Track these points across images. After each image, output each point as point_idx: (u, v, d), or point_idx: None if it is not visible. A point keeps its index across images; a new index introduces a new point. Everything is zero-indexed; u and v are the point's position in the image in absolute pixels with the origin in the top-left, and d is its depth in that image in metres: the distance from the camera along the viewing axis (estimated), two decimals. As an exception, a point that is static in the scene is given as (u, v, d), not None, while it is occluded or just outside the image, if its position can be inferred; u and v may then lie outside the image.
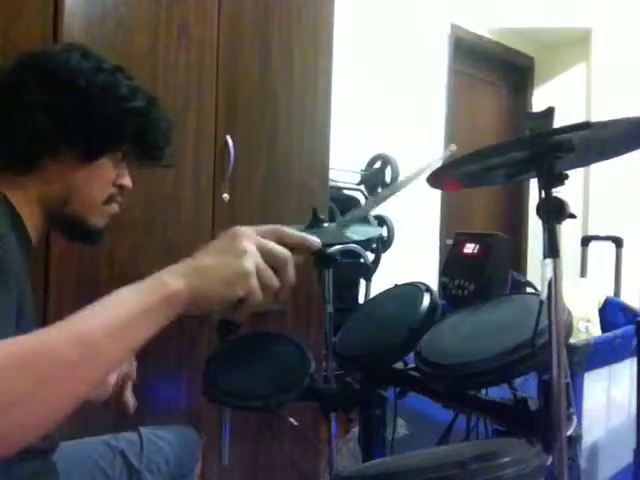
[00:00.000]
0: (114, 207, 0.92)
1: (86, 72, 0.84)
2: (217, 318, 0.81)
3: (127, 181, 0.93)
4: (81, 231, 0.90)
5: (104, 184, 0.89)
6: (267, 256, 0.65)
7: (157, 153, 0.95)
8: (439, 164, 0.91)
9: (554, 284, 0.83)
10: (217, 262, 0.62)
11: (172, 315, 0.59)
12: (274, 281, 0.65)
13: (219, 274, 0.61)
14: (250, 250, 0.63)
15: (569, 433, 0.83)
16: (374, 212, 2.87)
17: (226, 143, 1.66)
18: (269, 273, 0.65)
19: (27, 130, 0.81)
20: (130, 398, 1.03)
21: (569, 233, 0.94)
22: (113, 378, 1.03)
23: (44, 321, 1.33)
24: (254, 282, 0.62)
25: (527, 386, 1.03)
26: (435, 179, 0.94)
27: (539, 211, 0.84)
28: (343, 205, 2.68)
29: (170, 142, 0.96)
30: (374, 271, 2.64)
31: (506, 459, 0.78)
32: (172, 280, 0.59)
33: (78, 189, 0.86)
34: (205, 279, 0.61)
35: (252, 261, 0.63)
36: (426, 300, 1.21)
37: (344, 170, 2.72)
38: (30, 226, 0.84)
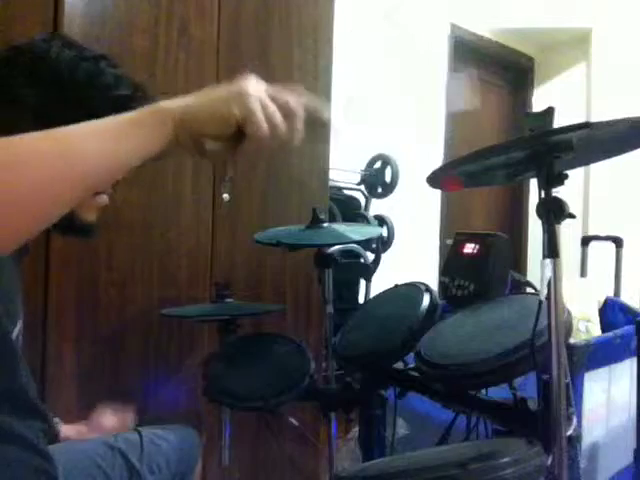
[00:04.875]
0: (103, 198, 0.90)
1: (69, 62, 0.83)
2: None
3: None
4: (72, 225, 0.88)
5: None
6: (275, 100, 0.59)
7: None
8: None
9: (554, 284, 0.83)
10: (214, 90, 0.60)
11: (160, 132, 0.57)
12: (277, 116, 0.59)
13: (215, 93, 0.59)
14: (253, 84, 0.59)
15: (569, 433, 0.83)
16: (374, 212, 2.88)
17: (226, 143, 1.65)
18: (273, 107, 0.59)
19: (14, 124, 0.81)
20: None
21: (569, 233, 0.94)
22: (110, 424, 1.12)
23: (44, 321, 1.33)
24: (255, 104, 0.57)
25: (527, 386, 1.03)
26: (435, 179, 0.94)
27: (539, 211, 0.85)
28: (343, 205, 2.68)
29: None
30: (374, 271, 2.64)
31: (506, 459, 0.78)
32: (164, 102, 0.58)
33: None
34: (199, 98, 0.59)
35: (254, 87, 0.58)
36: (426, 300, 1.21)
37: (344, 170, 2.72)
38: None
